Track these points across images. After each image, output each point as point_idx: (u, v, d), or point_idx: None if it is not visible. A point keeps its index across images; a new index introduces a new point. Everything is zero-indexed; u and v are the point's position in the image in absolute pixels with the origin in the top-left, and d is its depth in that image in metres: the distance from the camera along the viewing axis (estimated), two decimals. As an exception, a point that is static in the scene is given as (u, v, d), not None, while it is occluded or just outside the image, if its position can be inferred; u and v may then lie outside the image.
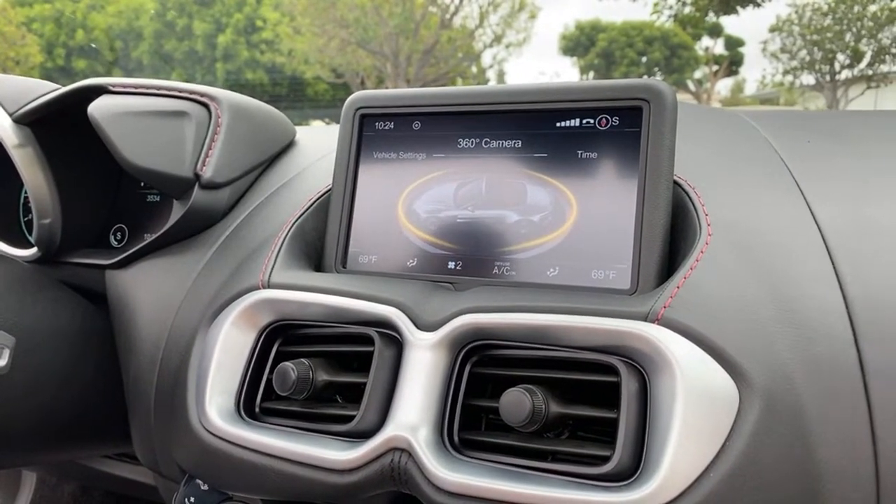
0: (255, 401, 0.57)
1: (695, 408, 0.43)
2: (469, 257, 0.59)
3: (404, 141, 0.64)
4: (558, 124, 0.58)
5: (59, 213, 0.77)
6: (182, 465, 0.59)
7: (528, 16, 20.86)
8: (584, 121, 0.57)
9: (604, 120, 0.57)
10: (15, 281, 0.72)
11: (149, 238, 0.73)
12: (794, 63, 23.17)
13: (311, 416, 0.55)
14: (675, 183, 0.57)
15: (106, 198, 0.85)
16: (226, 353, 0.57)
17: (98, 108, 0.67)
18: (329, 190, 0.67)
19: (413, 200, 0.62)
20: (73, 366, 0.71)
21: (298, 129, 0.92)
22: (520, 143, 0.59)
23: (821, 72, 22.32)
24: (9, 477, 1.20)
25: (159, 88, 0.73)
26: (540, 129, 0.59)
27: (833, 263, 0.50)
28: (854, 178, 0.58)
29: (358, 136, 0.65)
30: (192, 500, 0.61)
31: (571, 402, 0.48)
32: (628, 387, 0.46)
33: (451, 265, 0.60)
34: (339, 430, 0.52)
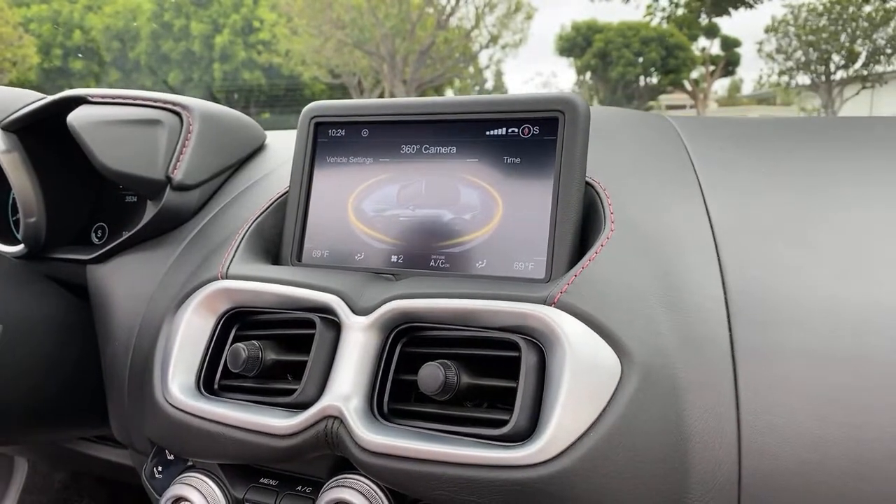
0: (215, 378, 0.64)
1: (580, 378, 0.50)
2: (410, 252, 0.66)
3: (354, 147, 0.70)
4: (487, 133, 0.65)
5: (44, 212, 0.84)
6: (150, 437, 0.66)
7: (524, 17, 20.95)
8: (510, 130, 0.64)
9: (526, 129, 0.64)
10: (3, 274, 0.78)
11: (126, 235, 0.80)
12: (790, 63, 23.26)
13: (261, 391, 0.61)
14: (589, 184, 0.64)
15: (87, 198, 0.92)
16: (188, 336, 0.64)
17: (77, 118, 0.74)
18: (288, 191, 0.74)
19: (361, 200, 0.69)
20: (57, 353, 0.78)
21: (269, 133, 0.98)
22: (454, 149, 0.66)
23: (816, 72, 22.40)
24: (1, 465, 1.25)
25: (135, 98, 0.80)
26: (472, 137, 0.66)
27: (718, 256, 0.57)
28: (751, 181, 0.65)
29: (313, 143, 0.72)
30: (159, 469, 0.68)
31: (485, 375, 0.55)
32: (527, 360, 0.53)
33: (394, 259, 0.66)
34: (283, 402, 0.58)
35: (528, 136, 0.64)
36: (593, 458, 0.48)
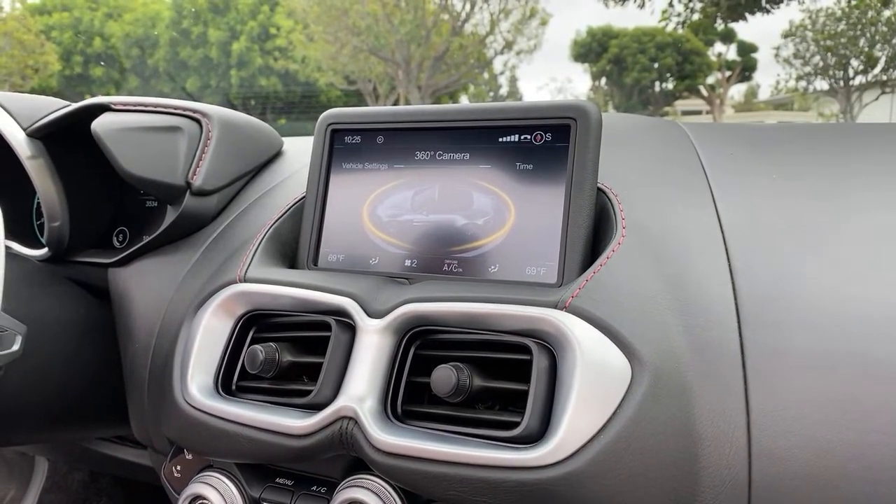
0: (233, 379, 0.65)
1: (590, 381, 0.51)
2: (423, 256, 0.67)
3: (369, 153, 0.72)
4: (500, 139, 0.66)
5: (68, 217, 0.86)
6: (169, 436, 0.68)
7: (539, 22, 20.98)
8: (522, 137, 0.65)
9: (539, 136, 0.65)
10: (28, 277, 0.81)
11: (146, 239, 0.82)
12: (808, 69, 23.07)
13: (277, 392, 0.63)
14: (601, 190, 0.64)
15: (110, 203, 0.94)
16: (207, 338, 0.65)
17: (100, 125, 0.76)
18: (304, 196, 0.75)
19: (376, 206, 0.70)
20: (78, 353, 0.80)
21: (286, 139, 1.00)
22: (468, 155, 0.67)
23: (834, 77, 22.21)
24: (23, 465, 1.28)
25: (156, 106, 0.82)
26: (485, 144, 0.67)
27: (729, 261, 0.58)
28: (761, 186, 0.65)
29: (329, 149, 0.73)
30: (178, 468, 0.69)
31: (498, 378, 0.56)
32: (538, 364, 0.53)
33: (408, 263, 0.68)
34: (299, 403, 0.60)
35: (540, 143, 0.64)
36: (604, 460, 0.49)
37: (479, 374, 0.55)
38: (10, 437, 0.81)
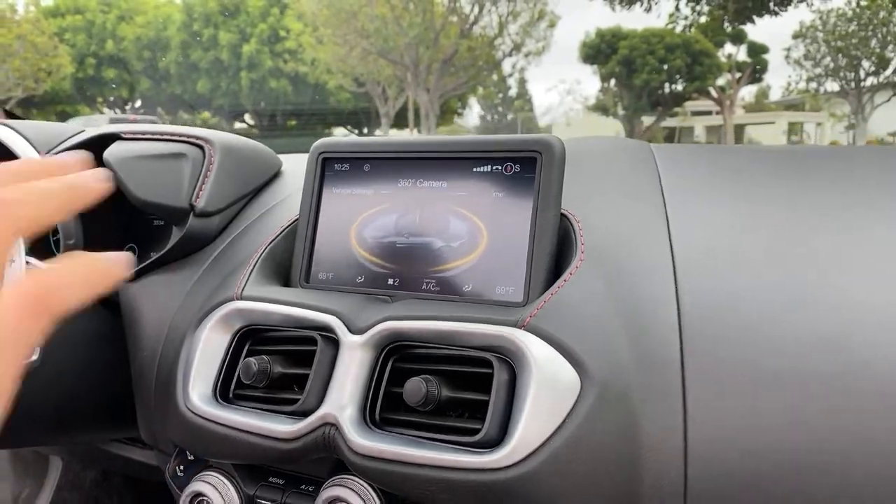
0: (230, 388, 0.72)
1: (543, 393, 0.57)
2: (404, 276, 0.74)
3: (357, 179, 0.78)
4: (475, 169, 0.73)
5: (82, 235, 0.93)
6: (173, 439, 0.74)
7: (547, 24, 21.00)
8: (494, 167, 0.72)
9: (509, 167, 0.71)
10: None
11: (154, 257, 0.89)
12: (819, 70, 22.96)
13: (269, 400, 0.69)
14: (564, 215, 0.71)
15: (120, 223, 1.01)
16: (206, 350, 0.72)
17: (112, 154, 0.83)
18: (298, 218, 0.82)
19: (363, 228, 0.77)
20: (91, 361, 0.87)
21: (286, 157, 1.07)
22: (445, 183, 0.74)
23: (845, 79, 22.10)
24: (37, 464, 1.34)
25: (163, 134, 0.89)
26: (461, 173, 0.73)
27: (676, 285, 0.64)
28: (713, 213, 0.71)
29: (320, 175, 0.80)
30: (181, 468, 0.76)
31: (464, 389, 0.63)
32: (499, 377, 0.60)
33: (391, 282, 0.74)
34: (288, 410, 0.66)
35: (510, 173, 0.71)
36: (553, 462, 0.55)
37: (448, 386, 0.62)
38: (26, 439, 0.88)
